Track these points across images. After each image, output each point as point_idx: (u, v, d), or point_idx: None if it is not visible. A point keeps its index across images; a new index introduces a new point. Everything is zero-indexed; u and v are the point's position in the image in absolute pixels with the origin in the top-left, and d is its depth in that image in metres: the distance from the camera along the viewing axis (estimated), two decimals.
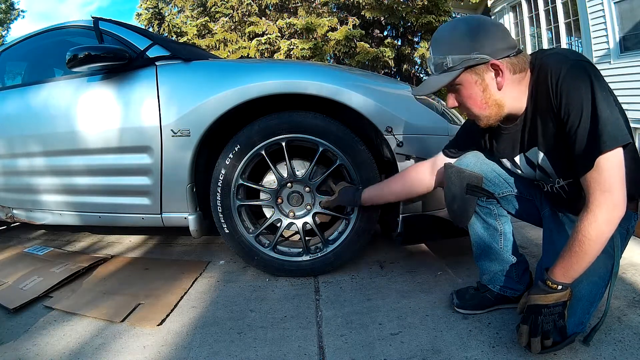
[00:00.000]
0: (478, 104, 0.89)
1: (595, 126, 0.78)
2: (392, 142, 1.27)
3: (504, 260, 1.11)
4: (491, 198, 1.08)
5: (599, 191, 0.79)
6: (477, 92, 0.88)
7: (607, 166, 0.78)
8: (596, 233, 0.79)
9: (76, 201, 1.61)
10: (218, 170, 1.36)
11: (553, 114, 0.85)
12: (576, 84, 0.80)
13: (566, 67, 0.81)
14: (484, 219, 1.11)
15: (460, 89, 0.90)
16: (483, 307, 1.13)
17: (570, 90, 0.81)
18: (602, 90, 0.79)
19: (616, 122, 0.78)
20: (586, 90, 0.79)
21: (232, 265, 1.59)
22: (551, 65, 0.84)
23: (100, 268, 1.58)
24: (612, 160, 0.78)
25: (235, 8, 8.18)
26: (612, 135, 0.77)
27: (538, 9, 5.81)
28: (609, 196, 0.78)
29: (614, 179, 0.78)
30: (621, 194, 0.78)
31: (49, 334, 1.14)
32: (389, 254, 1.61)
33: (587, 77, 0.79)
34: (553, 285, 0.85)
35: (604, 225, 0.79)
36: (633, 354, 0.91)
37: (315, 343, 1.05)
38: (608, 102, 0.78)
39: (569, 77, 0.81)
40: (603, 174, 0.78)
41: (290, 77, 1.31)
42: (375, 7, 7.60)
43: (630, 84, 4.33)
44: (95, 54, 1.36)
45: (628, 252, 1.45)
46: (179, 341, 1.08)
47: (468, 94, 0.89)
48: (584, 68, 0.81)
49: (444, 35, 0.90)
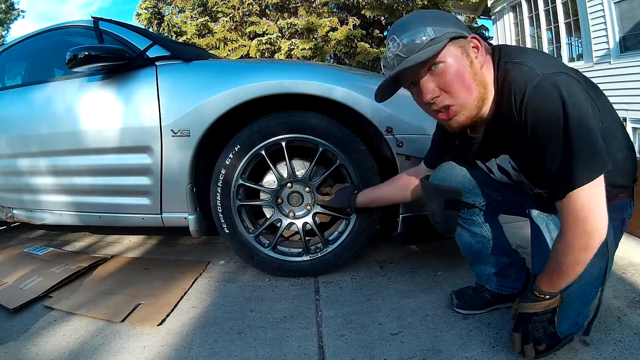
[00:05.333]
0: (467, 83, 0.78)
1: (566, 161, 0.70)
2: (392, 142, 1.27)
3: (497, 262, 1.10)
4: (473, 208, 1.05)
5: (572, 221, 0.73)
6: (465, 68, 0.78)
7: (580, 199, 0.71)
8: (572, 260, 0.75)
9: (76, 201, 1.61)
10: (218, 170, 1.36)
11: (519, 132, 0.76)
12: (544, 106, 0.70)
13: (532, 85, 0.71)
14: (468, 229, 1.08)
15: (443, 69, 0.77)
16: (482, 306, 1.13)
17: (537, 114, 0.71)
18: (578, 109, 0.69)
19: (592, 150, 0.69)
20: (556, 114, 0.69)
21: (232, 265, 1.59)
22: (515, 78, 0.74)
23: (100, 268, 1.58)
24: (587, 192, 0.70)
25: (236, 7, 8.18)
26: (587, 169, 0.69)
27: (538, 9, 5.81)
28: (584, 226, 0.72)
29: (588, 209, 0.71)
30: (599, 220, 0.72)
31: (48, 334, 1.14)
32: (389, 254, 1.61)
33: (557, 97, 0.69)
34: (540, 295, 0.84)
35: (580, 254, 0.74)
36: (633, 354, 0.91)
37: (315, 343, 1.05)
38: (584, 123, 0.69)
39: (535, 98, 0.71)
40: (576, 206, 0.72)
41: (290, 77, 1.30)
42: (376, 7, 7.59)
43: (630, 84, 4.34)
44: (95, 54, 1.36)
45: (628, 252, 1.45)
46: (178, 341, 1.08)
47: (455, 71, 0.77)
48: (554, 85, 0.69)
49: (412, 19, 0.81)
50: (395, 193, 1.22)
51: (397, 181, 1.22)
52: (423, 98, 0.82)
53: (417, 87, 0.84)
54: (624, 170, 0.85)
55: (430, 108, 0.85)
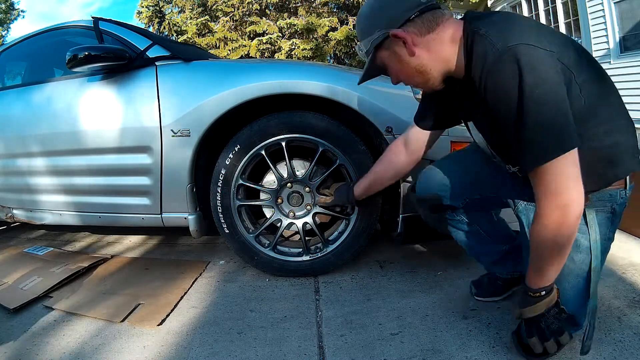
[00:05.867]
0: (405, 75, 0.86)
1: (528, 135, 0.68)
2: None
3: (498, 251, 1.13)
4: (456, 209, 1.09)
5: (544, 195, 0.72)
6: (396, 66, 0.84)
7: (549, 173, 0.70)
8: (552, 236, 0.73)
9: (76, 201, 1.61)
10: (218, 170, 1.36)
11: (484, 103, 0.74)
12: (501, 82, 0.68)
13: (490, 61, 0.69)
14: (458, 228, 1.12)
15: (387, 67, 0.87)
16: (499, 293, 1.17)
17: (494, 91, 0.70)
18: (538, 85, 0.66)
19: (555, 127, 0.67)
20: (513, 91, 0.67)
21: (232, 265, 1.59)
22: (476, 52, 0.73)
23: (100, 268, 1.58)
24: (555, 166, 0.69)
25: (236, 7, 8.18)
26: (550, 145, 0.68)
27: (538, 8, 5.82)
28: (556, 198, 0.70)
29: (559, 182, 0.70)
30: (573, 192, 0.70)
31: (48, 334, 1.14)
32: (389, 254, 1.61)
33: (514, 73, 0.66)
34: (536, 294, 0.82)
35: (557, 228, 0.72)
36: (633, 354, 0.91)
37: (315, 343, 1.05)
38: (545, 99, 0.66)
39: (492, 75, 0.69)
40: (546, 179, 0.70)
41: (290, 77, 1.30)
42: None
43: (630, 84, 4.34)
44: (95, 54, 1.36)
45: (628, 252, 1.45)
46: (179, 341, 1.08)
47: (393, 70, 0.86)
48: (512, 60, 0.66)
49: (358, 23, 0.88)
50: (387, 170, 1.17)
51: (384, 158, 1.17)
52: None
53: None
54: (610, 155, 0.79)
55: None
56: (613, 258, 1.40)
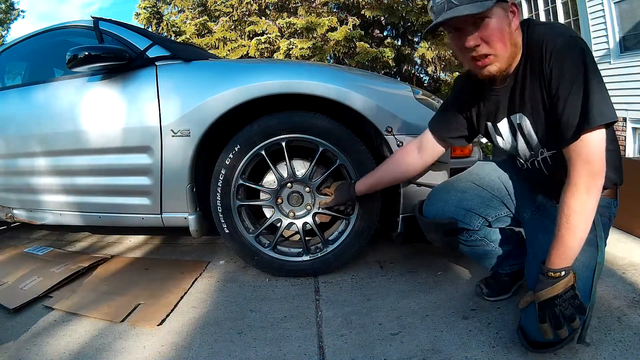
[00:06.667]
0: (504, 40, 0.87)
1: (585, 101, 0.80)
2: (392, 142, 1.27)
3: (502, 253, 1.17)
4: (471, 231, 1.12)
5: (580, 163, 0.82)
6: (505, 27, 0.87)
7: (590, 141, 0.81)
8: (580, 203, 0.82)
9: (76, 201, 1.61)
10: (218, 170, 1.36)
11: (544, 80, 0.86)
12: (571, 56, 0.82)
13: (562, 40, 0.83)
14: (470, 246, 1.16)
15: (487, 23, 0.86)
16: (508, 290, 1.20)
17: (564, 61, 0.82)
18: (594, 69, 0.81)
19: (605, 100, 0.80)
20: (579, 64, 0.81)
21: (232, 265, 1.59)
22: (547, 34, 0.86)
23: (100, 268, 1.58)
24: (596, 137, 0.81)
25: (235, 7, 8.18)
26: (600, 112, 0.79)
27: (538, 8, 5.81)
28: (588, 166, 0.82)
29: (594, 153, 0.81)
30: (600, 164, 0.82)
31: (49, 334, 1.14)
32: (389, 254, 1.61)
33: (581, 52, 0.81)
34: (556, 274, 0.85)
35: (586, 195, 0.82)
36: (633, 354, 0.91)
37: (315, 343, 1.05)
38: (599, 80, 0.81)
39: (564, 49, 0.82)
40: (585, 148, 0.81)
41: (290, 77, 1.31)
42: (375, 6, 7.59)
43: (630, 84, 4.33)
44: (95, 54, 1.36)
45: (628, 252, 1.46)
46: (179, 341, 1.08)
47: (498, 27, 0.86)
48: (579, 44, 0.82)
49: None
50: (391, 172, 1.23)
51: (391, 159, 1.23)
52: (465, 43, 0.88)
53: (459, 32, 0.89)
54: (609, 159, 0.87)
55: (468, 53, 0.90)
56: (613, 258, 1.41)
